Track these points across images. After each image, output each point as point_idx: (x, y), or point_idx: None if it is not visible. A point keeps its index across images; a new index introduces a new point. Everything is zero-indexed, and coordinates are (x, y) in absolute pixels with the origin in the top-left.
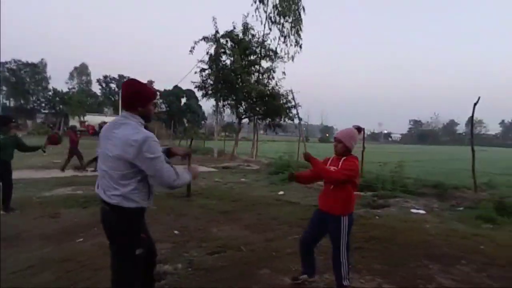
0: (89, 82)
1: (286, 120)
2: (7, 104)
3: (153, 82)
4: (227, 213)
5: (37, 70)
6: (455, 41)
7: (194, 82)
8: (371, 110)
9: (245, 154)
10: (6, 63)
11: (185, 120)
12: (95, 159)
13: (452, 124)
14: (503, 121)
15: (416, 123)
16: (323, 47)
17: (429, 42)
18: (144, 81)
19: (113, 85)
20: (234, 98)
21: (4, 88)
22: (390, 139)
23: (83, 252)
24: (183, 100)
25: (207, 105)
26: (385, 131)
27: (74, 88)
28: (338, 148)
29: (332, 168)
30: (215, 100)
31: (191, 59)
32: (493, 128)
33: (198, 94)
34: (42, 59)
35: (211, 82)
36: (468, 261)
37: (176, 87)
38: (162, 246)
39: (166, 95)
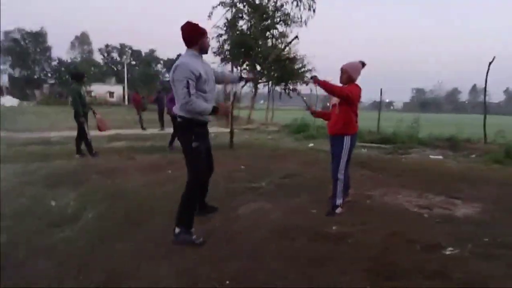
0: (90, 52)
1: (301, 84)
2: (13, 74)
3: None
4: (274, 157)
5: (40, 40)
6: (460, 11)
7: (212, 48)
8: (372, 79)
9: (258, 120)
10: (10, 32)
11: None
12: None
13: (455, 92)
14: (507, 88)
15: (419, 91)
16: (333, 13)
17: (433, 12)
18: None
19: (115, 55)
20: (251, 62)
21: (9, 57)
22: (392, 107)
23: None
24: None
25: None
26: (387, 100)
27: (76, 58)
28: (344, 77)
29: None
30: (231, 65)
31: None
32: (496, 97)
33: (216, 59)
34: (42, 28)
35: (228, 48)
36: (488, 183)
37: (179, 55)
38: (239, 175)
39: (170, 64)
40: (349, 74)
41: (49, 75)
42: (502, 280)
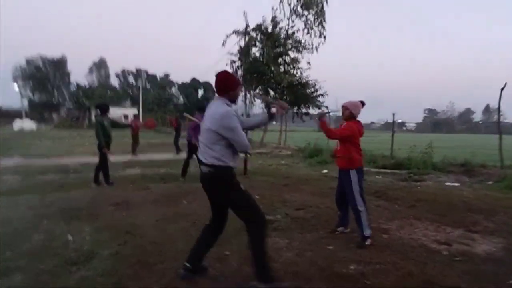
0: (107, 76)
1: (314, 108)
2: (33, 98)
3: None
4: (288, 185)
5: (60, 66)
6: (471, 32)
7: None
8: (385, 100)
9: (271, 143)
10: (31, 59)
11: None
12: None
13: (468, 112)
14: None
15: (431, 112)
16: (344, 39)
17: (446, 34)
18: None
19: (131, 79)
20: (264, 87)
21: (30, 83)
22: (404, 128)
23: (194, 210)
24: (200, 92)
25: None
26: (399, 121)
27: (94, 82)
28: (346, 114)
29: None
30: (245, 90)
31: (209, 53)
32: (510, 117)
33: None
34: (62, 55)
35: (241, 73)
36: (504, 213)
37: (194, 79)
38: None
39: (184, 88)
40: (350, 111)
41: (67, 99)
42: None
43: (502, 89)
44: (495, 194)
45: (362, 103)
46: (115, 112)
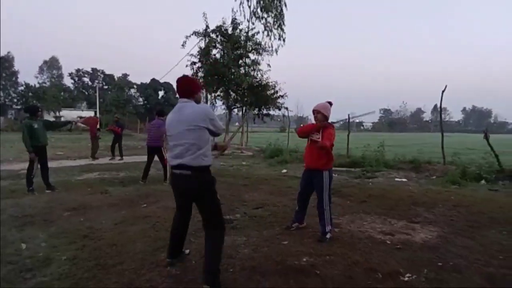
0: (60, 76)
1: (274, 109)
2: None
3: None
4: (247, 185)
5: (6, 65)
6: (421, 35)
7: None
8: (343, 101)
9: (232, 144)
10: None
11: None
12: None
13: (419, 112)
14: (464, 108)
15: (386, 111)
16: (301, 41)
17: (397, 36)
18: None
19: (86, 79)
20: (225, 89)
21: None
22: (362, 127)
23: (154, 212)
24: (161, 93)
25: None
26: (357, 120)
27: (45, 82)
28: (319, 117)
29: (315, 134)
30: (205, 92)
31: (168, 54)
32: (456, 116)
33: None
34: (8, 52)
35: (202, 75)
36: (443, 205)
37: (153, 80)
38: None
39: (143, 89)
40: (322, 114)
41: (15, 100)
42: None
43: (443, 91)
44: (437, 188)
45: (330, 103)
46: (70, 114)
